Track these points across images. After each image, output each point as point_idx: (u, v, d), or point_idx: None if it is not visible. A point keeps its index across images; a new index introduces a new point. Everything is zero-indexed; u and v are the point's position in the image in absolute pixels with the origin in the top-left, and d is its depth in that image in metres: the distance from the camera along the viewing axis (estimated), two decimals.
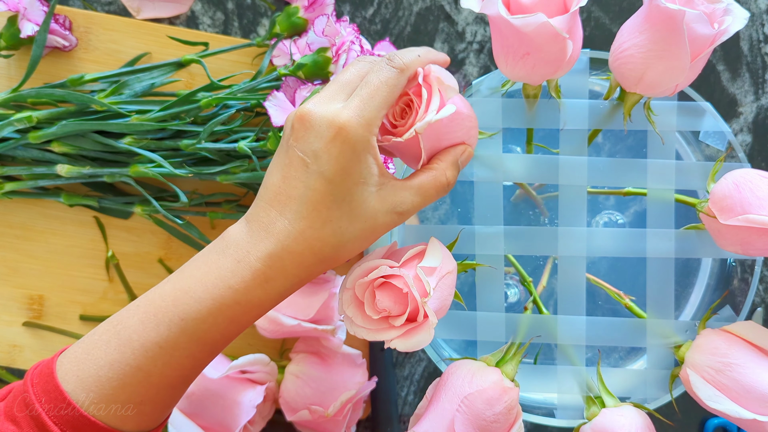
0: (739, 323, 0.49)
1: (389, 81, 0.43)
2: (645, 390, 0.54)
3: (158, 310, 0.42)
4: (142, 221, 0.68)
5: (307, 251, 0.42)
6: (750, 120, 0.68)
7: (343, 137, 0.41)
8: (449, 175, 0.46)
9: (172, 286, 0.43)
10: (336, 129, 0.41)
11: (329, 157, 0.41)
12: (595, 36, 0.68)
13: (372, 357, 0.67)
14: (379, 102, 0.42)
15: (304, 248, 0.42)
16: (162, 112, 0.62)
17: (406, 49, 0.45)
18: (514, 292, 0.64)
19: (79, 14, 0.67)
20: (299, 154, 0.42)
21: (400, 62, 0.43)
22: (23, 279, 0.68)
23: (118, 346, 0.42)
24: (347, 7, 0.68)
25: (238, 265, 0.42)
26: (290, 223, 0.42)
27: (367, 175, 0.43)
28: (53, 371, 0.42)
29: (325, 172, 0.42)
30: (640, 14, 0.48)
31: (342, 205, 0.42)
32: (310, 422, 0.62)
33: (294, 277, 0.43)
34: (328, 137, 0.41)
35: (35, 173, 0.64)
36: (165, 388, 0.43)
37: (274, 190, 0.43)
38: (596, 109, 0.54)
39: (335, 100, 0.43)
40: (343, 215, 0.42)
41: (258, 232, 0.43)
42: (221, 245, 0.44)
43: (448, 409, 0.46)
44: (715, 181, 0.50)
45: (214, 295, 0.42)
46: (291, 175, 0.42)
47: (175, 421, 0.59)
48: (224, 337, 0.43)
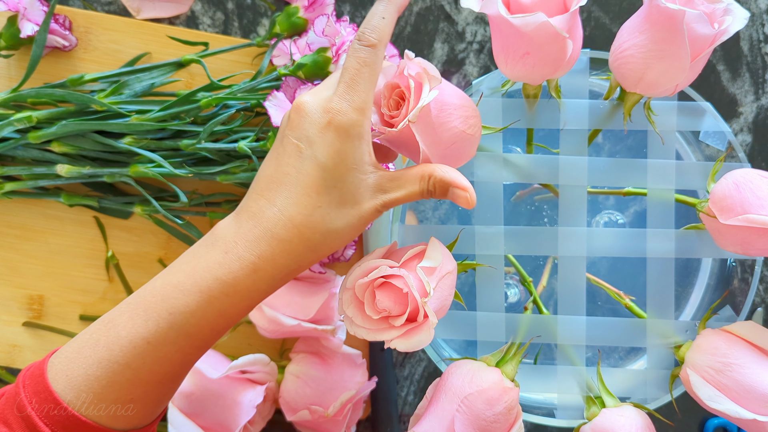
0: (739, 323, 0.49)
1: (367, 61, 0.42)
2: (645, 390, 0.54)
3: (147, 306, 0.42)
4: (142, 221, 0.68)
5: (296, 238, 0.42)
6: (750, 120, 0.68)
7: (337, 122, 0.42)
8: (436, 174, 0.44)
9: (161, 281, 0.43)
10: (330, 115, 0.42)
11: (323, 142, 0.42)
12: (595, 36, 0.68)
13: (372, 357, 0.67)
14: (363, 84, 0.42)
15: (294, 235, 0.42)
16: (162, 112, 0.62)
17: (369, 16, 0.44)
18: (514, 292, 0.64)
19: (79, 14, 0.67)
20: (294, 141, 0.42)
21: (371, 38, 0.43)
22: (23, 279, 0.68)
23: (106, 344, 0.42)
24: (347, 7, 0.68)
25: (225, 256, 0.42)
26: (279, 210, 0.42)
27: (360, 162, 0.43)
28: (44, 372, 0.42)
29: (319, 156, 0.42)
30: (640, 14, 0.48)
31: (332, 191, 0.42)
32: (310, 422, 0.62)
33: (283, 267, 0.43)
34: (323, 123, 0.42)
35: (35, 173, 0.64)
36: (155, 385, 0.43)
37: (266, 180, 0.43)
38: (596, 109, 0.54)
39: (330, 89, 0.43)
40: (333, 201, 0.42)
41: (246, 222, 0.43)
42: (210, 239, 0.43)
43: (448, 409, 0.46)
44: (715, 181, 0.50)
45: (202, 288, 0.42)
46: (284, 162, 0.43)
47: (175, 421, 0.59)
48: (213, 330, 0.43)
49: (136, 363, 0.42)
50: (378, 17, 0.43)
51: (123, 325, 0.42)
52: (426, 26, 0.68)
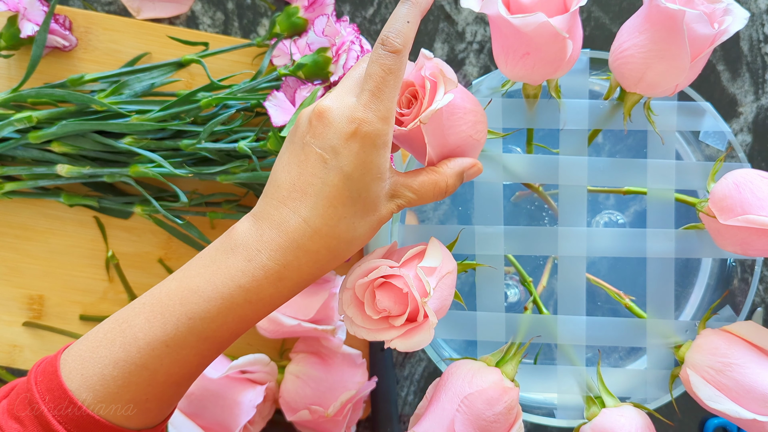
0: (739, 323, 0.49)
1: (392, 68, 0.42)
2: (645, 390, 0.54)
3: (165, 309, 0.42)
4: (142, 221, 0.68)
5: (323, 249, 0.42)
6: (750, 120, 0.68)
7: (363, 133, 0.41)
8: (450, 183, 0.46)
9: (178, 284, 0.43)
10: (356, 125, 0.41)
11: (349, 152, 0.41)
12: (595, 36, 0.68)
13: (372, 357, 0.67)
14: (389, 92, 0.42)
15: (320, 246, 0.42)
16: (162, 112, 0.62)
17: (392, 19, 0.42)
18: (514, 292, 0.64)
19: (79, 14, 0.67)
20: (317, 150, 0.42)
21: (395, 44, 0.42)
22: (23, 279, 0.68)
23: (123, 344, 0.42)
24: (347, 7, 0.68)
25: (248, 264, 0.42)
26: (305, 221, 0.42)
27: (383, 170, 0.42)
28: (57, 369, 0.42)
29: (345, 167, 0.41)
30: (640, 14, 0.48)
31: (357, 201, 0.42)
32: (310, 422, 0.62)
33: (308, 275, 0.43)
34: (348, 132, 0.41)
35: (35, 173, 0.64)
36: (170, 386, 0.43)
37: (288, 188, 0.42)
38: (596, 109, 0.54)
39: (352, 94, 0.42)
40: (357, 211, 0.42)
41: (269, 230, 0.42)
42: (229, 243, 0.43)
43: (448, 409, 0.46)
44: (715, 181, 0.50)
45: (224, 295, 0.42)
46: (307, 172, 0.42)
47: (175, 421, 0.59)
48: (233, 334, 0.43)
49: (154, 365, 0.42)
50: (402, 20, 0.42)
51: (140, 326, 0.42)
52: (426, 26, 0.68)
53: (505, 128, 0.54)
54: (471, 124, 0.47)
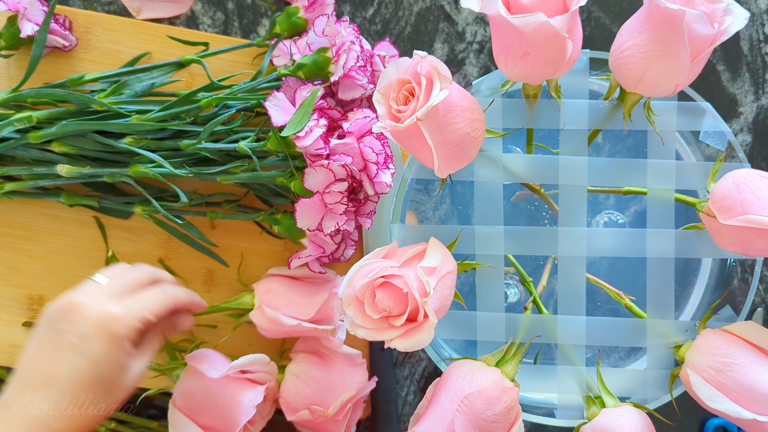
0: (739, 323, 0.49)
1: (165, 300, 0.52)
2: (645, 390, 0.54)
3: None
4: (142, 221, 0.68)
5: (70, 427, 0.47)
6: (750, 120, 0.68)
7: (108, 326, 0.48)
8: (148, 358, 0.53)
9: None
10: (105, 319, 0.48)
11: (98, 340, 0.47)
12: (595, 36, 0.68)
13: (372, 357, 0.67)
14: (152, 308, 0.51)
15: (68, 425, 0.47)
16: (162, 112, 0.62)
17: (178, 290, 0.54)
18: (514, 292, 0.64)
19: (79, 14, 0.67)
20: (69, 337, 0.47)
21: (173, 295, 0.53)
22: (23, 279, 0.68)
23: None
24: (347, 7, 0.68)
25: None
26: (54, 405, 0.46)
27: (127, 356, 0.49)
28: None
29: (93, 354, 0.47)
30: (640, 14, 0.48)
31: (106, 383, 0.48)
32: (310, 422, 0.62)
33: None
34: (97, 324, 0.48)
35: (35, 173, 0.64)
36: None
37: (37, 373, 0.47)
38: (596, 109, 0.54)
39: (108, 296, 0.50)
40: (106, 392, 0.48)
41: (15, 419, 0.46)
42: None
43: (448, 409, 0.46)
44: (715, 181, 0.50)
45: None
46: (57, 357, 0.47)
47: (175, 421, 0.59)
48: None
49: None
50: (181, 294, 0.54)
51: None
52: (426, 26, 0.68)
53: (505, 128, 0.54)
54: (468, 122, 0.47)
